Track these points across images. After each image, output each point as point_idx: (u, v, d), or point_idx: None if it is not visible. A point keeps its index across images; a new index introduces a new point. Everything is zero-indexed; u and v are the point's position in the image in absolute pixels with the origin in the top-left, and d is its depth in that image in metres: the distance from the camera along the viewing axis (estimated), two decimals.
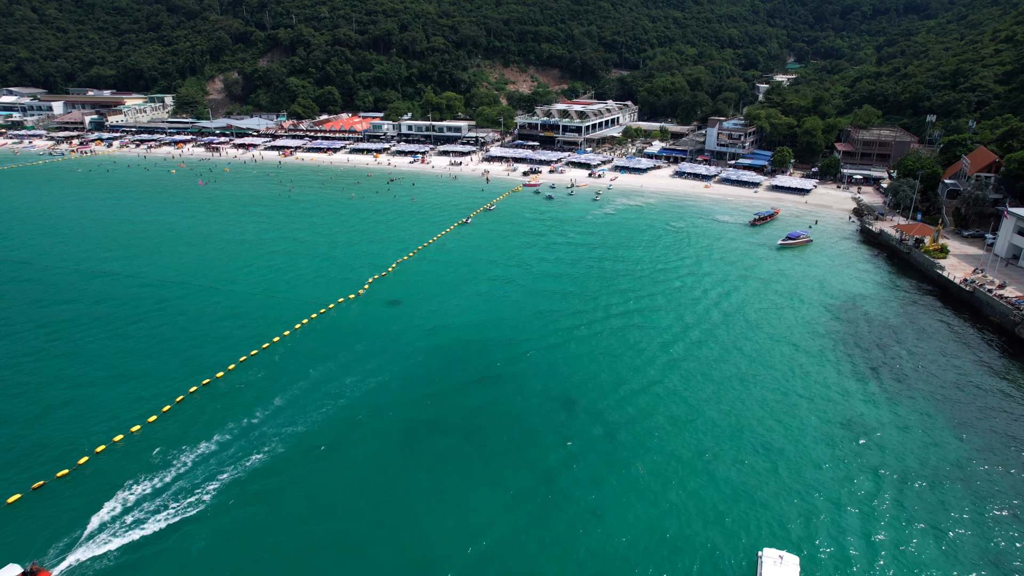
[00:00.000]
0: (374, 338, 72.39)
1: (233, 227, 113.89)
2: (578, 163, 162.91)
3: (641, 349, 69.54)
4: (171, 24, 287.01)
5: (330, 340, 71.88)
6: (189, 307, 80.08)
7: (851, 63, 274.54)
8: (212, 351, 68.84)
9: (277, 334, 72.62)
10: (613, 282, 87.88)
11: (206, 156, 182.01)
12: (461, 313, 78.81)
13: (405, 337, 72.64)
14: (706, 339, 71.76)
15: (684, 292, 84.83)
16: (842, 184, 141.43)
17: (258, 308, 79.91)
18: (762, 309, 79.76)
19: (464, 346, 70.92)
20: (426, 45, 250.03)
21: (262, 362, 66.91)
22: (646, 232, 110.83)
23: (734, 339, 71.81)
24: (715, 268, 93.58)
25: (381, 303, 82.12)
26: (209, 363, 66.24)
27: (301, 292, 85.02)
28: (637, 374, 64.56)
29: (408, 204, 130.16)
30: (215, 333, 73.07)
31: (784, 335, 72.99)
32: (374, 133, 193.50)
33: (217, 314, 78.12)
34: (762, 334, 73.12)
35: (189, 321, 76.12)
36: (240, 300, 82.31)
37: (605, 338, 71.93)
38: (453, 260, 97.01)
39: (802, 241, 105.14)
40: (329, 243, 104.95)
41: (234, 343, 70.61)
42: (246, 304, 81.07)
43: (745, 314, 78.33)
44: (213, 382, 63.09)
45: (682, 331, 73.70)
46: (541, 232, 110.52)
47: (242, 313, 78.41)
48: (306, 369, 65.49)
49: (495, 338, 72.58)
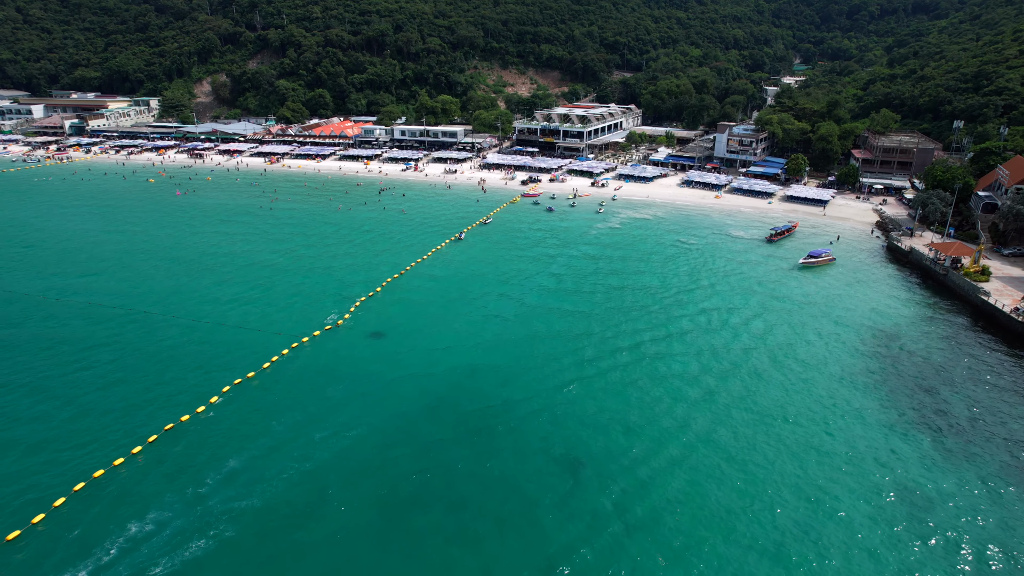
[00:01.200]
0: (351, 381, 63.59)
1: (206, 244, 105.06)
2: (580, 171, 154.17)
3: (656, 397, 60.71)
4: (159, 25, 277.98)
5: (300, 384, 63.07)
6: (143, 342, 71.16)
7: (860, 64, 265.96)
8: (163, 399, 59.95)
9: (240, 375, 63.80)
10: (623, 311, 79.06)
11: (189, 163, 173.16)
12: (451, 349, 70.04)
13: (387, 379, 63.85)
14: (730, 384, 62.97)
15: (702, 325, 75.97)
16: (862, 194, 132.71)
17: (222, 343, 71.04)
18: (789, 344, 70.98)
19: (454, 390, 62.19)
20: (421, 46, 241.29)
21: (219, 413, 58.04)
22: (656, 250, 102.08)
23: (761, 383, 63.02)
24: (733, 293, 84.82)
25: (362, 336, 73.34)
26: (158, 414, 57.34)
27: (273, 322, 76.20)
28: (651, 428, 55.78)
29: (398, 216, 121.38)
30: (169, 376, 64.17)
31: (816, 377, 64.24)
32: (365, 139, 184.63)
33: (174, 351, 69.22)
34: (792, 375, 64.36)
35: (141, 361, 67.12)
36: (203, 333, 73.42)
37: (615, 382, 63.12)
38: (444, 284, 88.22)
39: (825, 260, 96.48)
40: (309, 263, 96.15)
41: (189, 388, 61.74)
42: (209, 338, 72.20)
43: (771, 350, 69.56)
44: (161, 437, 54.29)
45: (701, 373, 64.88)
46: (541, 250, 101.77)
47: (203, 350, 69.53)
48: (269, 422, 56.67)
49: (489, 380, 63.86)
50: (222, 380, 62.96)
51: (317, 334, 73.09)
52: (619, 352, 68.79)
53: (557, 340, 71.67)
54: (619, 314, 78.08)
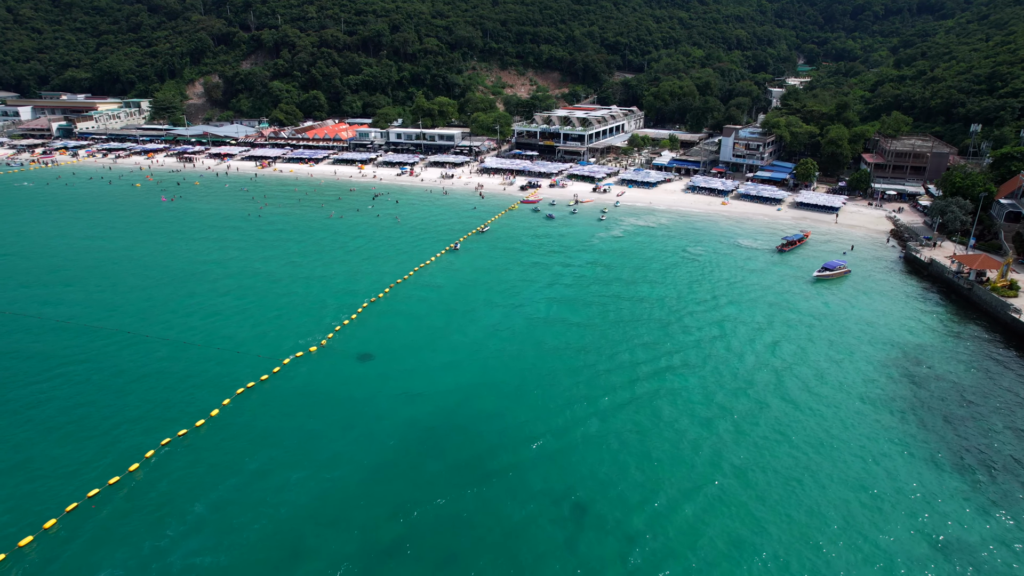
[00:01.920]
0: (334, 411, 58.48)
1: (188, 254, 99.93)
2: (581, 176, 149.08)
3: (672, 430, 55.55)
4: (151, 25, 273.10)
5: (278, 413, 57.95)
6: (110, 365, 65.97)
7: (866, 65, 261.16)
8: (127, 433, 54.75)
9: (214, 404, 58.67)
10: (631, 329, 73.91)
11: (178, 167, 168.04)
12: (445, 373, 64.93)
13: (373, 409, 58.75)
14: (753, 412, 57.83)
15: (716, 344, 70.80)
16: (874, 201, 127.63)
17: (196, 365, 65.90)
18: (809, 367, 65.89)
19: (447, 422, 57.07)
20: (418, 47, 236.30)
21: (188, 448, 52.91)
22: (662, 260, 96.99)
23: (786, 414, 57.88)
24: (746, 309, 79.70)
25: (348, 358, 68.19)
26: (120, 452, 52.16)
27: (253, 342, 71.07)
28: (669, 468, 50.59)
29: (391, 224, 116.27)
30: (136, 405, 58.97)
31: (839, 404, 59.17)
32: (360, 142, 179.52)
33: (144, 376, 64.05)
34: (814, 402, 59.26)
35: (105, 387, 61.89)
36: (177, 354, 68.26)
37: (625, 412, 57.92)
38: (438, 299, 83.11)
39: (840, 272, 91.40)
40: (295, 275, 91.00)
41: (157, 420, 56.56)
42: (183, 360, 67.05)
43: (792, 373, 64.42)
44: (123, 480, 49.13)
45: (720, 399, 59.71)
46: (541, 261, 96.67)
47: (176, 374, 64.35)
48: (242, 459, 51.53)
49: (485, 409, 58.80)
50: (193, 409, 57.85)
51: (300, 355, 67.98)
52: (627, 378, 63.65)
53: (559, 362, 66.60)
54: (625, 334, 72.94)
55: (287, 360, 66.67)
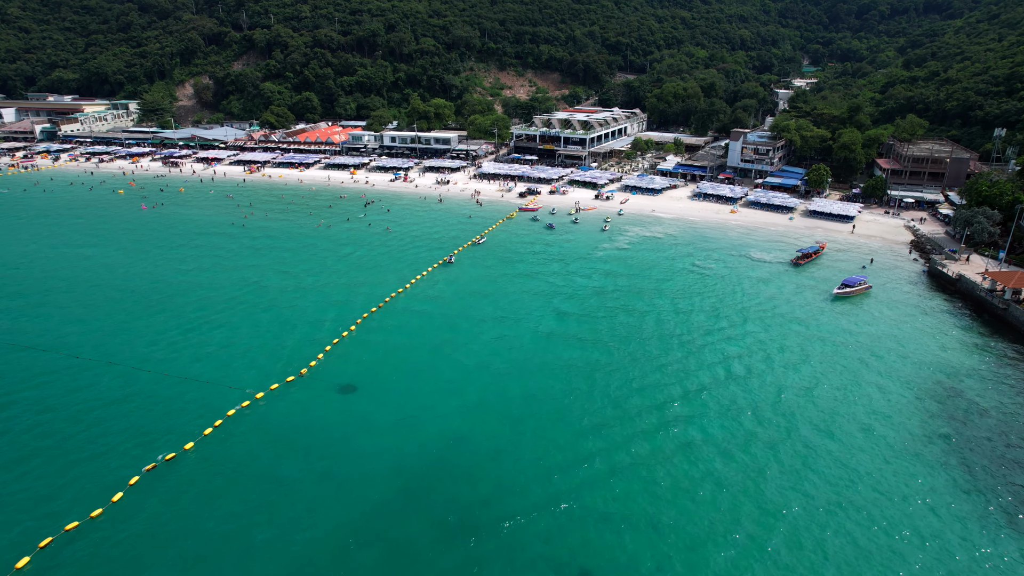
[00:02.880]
0: (310, 454, 52.18)
1: (163, 269, 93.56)
2: (582, 181, 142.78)
3: (688, 479, 49.16)
4: (142, 24, 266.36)
5: (247, 458, 51.64)
6: (65, 399, 59.57)
7: (873, 66, 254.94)
8: (72, 484, 48.37)
9: (175, 447, 52.38)
10: (638, 357, 67.57)
11: (163, 172, 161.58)
12: (434, 408, 58.64)
13: (353, 452, 52.48)
14: (779, 457, 51.47)
15: (734, 375, 64.41)
16: (891, 209, 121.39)
17: (161, 400, 59.56)
18: (837, 402, 59.61)
19: (435, 467, 50.81)
20: (415, 47, 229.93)
21: (141, 502, 46.54)
22: (671, 276, 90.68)
23: (814, 457, 51.53)
24: (764, 332, 73.38)
25: (330, 389, 61.91)
26: (63, 507, 45.80)
27: (226, 370, 64.76)
28: (687, 527, 44.29)
29: (383, 235, 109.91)
30: (87, 450, 52.57)
31: (873, 443, 52.91)
32: (353, 145, 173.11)
33: (102, 413, 57.66)
34: (846, 438, 52.95)
35: (57, 427, 55.41)
36: (141, 385, 61.91)
37: (636, 458, 51.57)
38: (430, 320, 76.78)
39: (861, 289, 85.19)
40: (277, 292, 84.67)
41: (109, 466, 50.23)
42: (147, 393, 60.70)
43: (817, 408, 58.15)
44: (58, 541, 42.81)
45: (742, 442, 53.30)
46: (541, 277, 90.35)
47: (137, 410, 58.01)
48: (201, 516, 45.20)
49: (479, 453, 52.54)
50: (151, 453, 51.51)
51: (275, 387, 61.66)
52: (637, 415, 57.34)
53: (561, 395, 60.31)
54: (634, 361, 66.61)
55: (260, 394, 60.34)
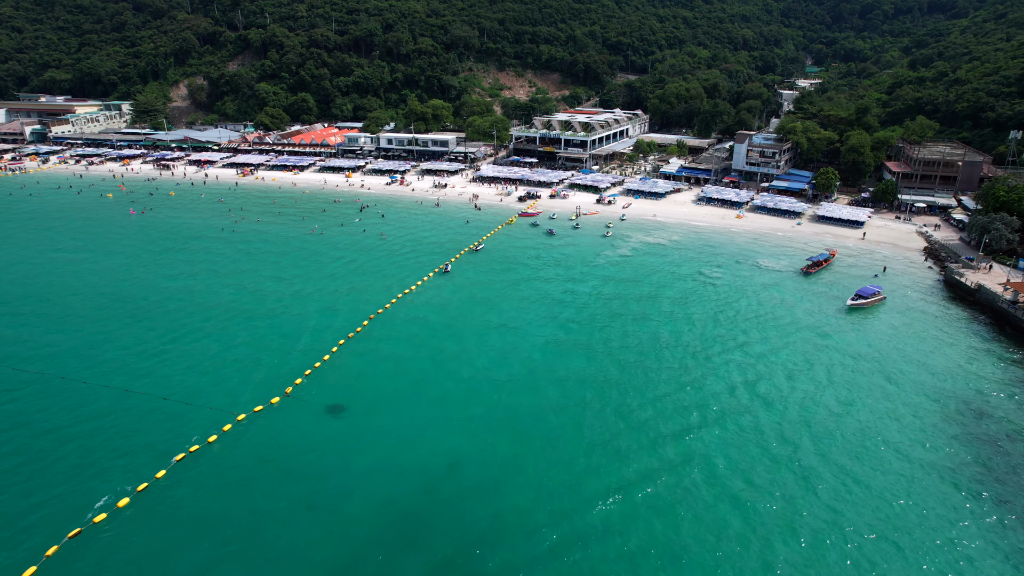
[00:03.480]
0: (293, 485, 48.50)
1: (148, 277, 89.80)
2: (583, 185, 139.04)
3: (710, 518, 45.43)
4: (136, 24, 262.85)
5: (223, 489, 47.92)
6: (31, 422, 55.75)
7: (877, 66, 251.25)
8: (29, 522, 44.61)
9: (146, 476, 48.69)
10: (646, 373, 63.85)
11: (154, 175, 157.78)
12: (429, 432, 54.98)
13: (341, 483, 48.77)
14: (812, 488, 47.76)
15: (752, 395, 60.71)
16: (902, 214, 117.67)
17: (136, 421, 55.86)
18: (862, 419, 55.95)
19: (428, 500, 47.19)
20: (412, 47, 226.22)
21: (104, 541, 42.80)
22: (676, 286, 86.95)
23: (847, 490, 47.82)
24: (777, 347, 69.65)
25: (317, 412, 58.18)
26: (12, 551, 42.07)
27: (207, 389, 61.08)
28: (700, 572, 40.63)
29: (377, 242, 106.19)
30: (51, 480, 48.77)
31: (907, 474, 49.19)
32: (349, 148, 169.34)
33: (69, 437, 53.92)
34: (878, 469, 49.22)
35: (17, 455, 51.65)
36: (116, 406, 58.19)
37: (649, 491, 47.84)
38: (424, 333, 73.05)
39: (875, 300, 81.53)
40: (265, 303, 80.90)
41: (71, 501, 46.45)
42: (122, 414, 56.99)
43: (842, 433, 54.42)
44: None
45: (768, 473, 49.58)
46: (540, 286, 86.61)
47: (110, 433, 54.30)
48: (167, 560, 41.45)
49: (476, 483, 48.92)
50: (120, 484, 47.81)
51: (259, 409, 57.95)
52: (647, 441, 53.64)
53: (563, 418, 56.62)
54: (641, 380, 62.89)
55: (243, 416, 56.62)
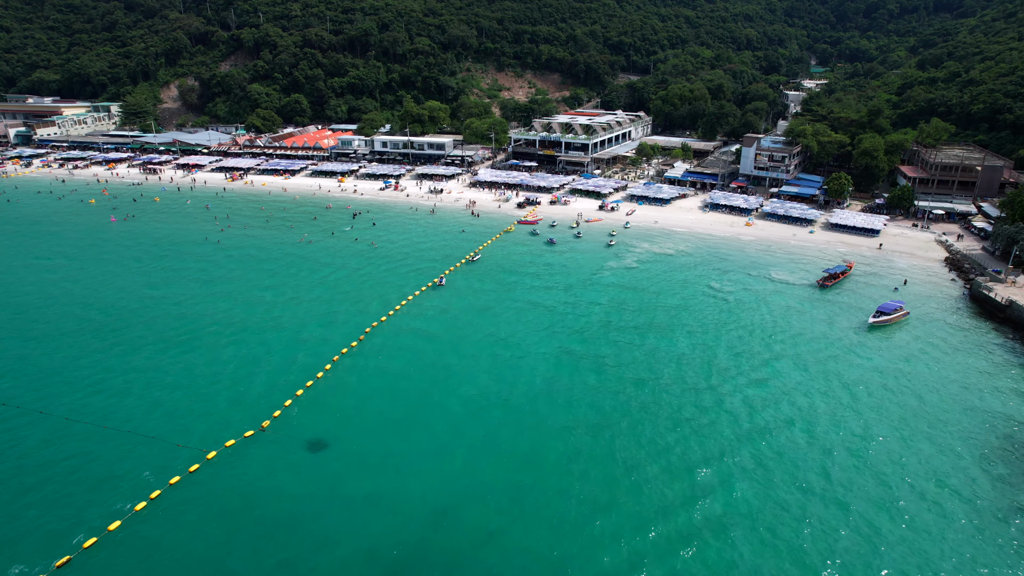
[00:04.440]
0: (266, 536, 43.15)
1: (121, 293, 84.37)
2: (585, 191, 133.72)
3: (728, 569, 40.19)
4: (127, 24, 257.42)
5: (187, 541, 42.56)
6: None
7: (884, 66, 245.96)
8: None
9: (99, 527, 43.33)
10: (657, 405, 58.45)
11: (140, 180, 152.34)
12: (418, 469, 49.77)
13: (321, 531, 43.49)
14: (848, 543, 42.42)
15: (764, 423, 55.40)
16: (919, 221, 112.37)
17: (96, 460, 50.50)
18: (892, 458, 50.63)
19: (419, 551, 41.91)
20: (409, 47, 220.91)
21: None
22: (684, 300, 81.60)
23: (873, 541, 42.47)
24: (797, 371, 64.33)
25: (296, 447, 52.87)
26: None
27: (176, 420, 55.77)
28: None
29: (368, 251, 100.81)
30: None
31: (946, 524, 43.83)
32: (342, 151, 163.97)
33: (20, 480, 48.48)
34: (913, 518, 43.86)
35: None
36: (75, 441, 52.79)
37: (664, 548, 42.53)
38: (415, 355, 67.72)
39: (899, 316, 76.28)
40: (245, 320, 75.51)
41: (13, 560, 41.09)
42: (80, 450, 51.59)
43: (872, 470, 49.09)
44: None
45: (796, 524, 44.22)
46: (541, 301, 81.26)
47: (66, 473, 48.90)
48: None
49: (473, 530, 43.65)
50: (69, 538, 42.43)
51: (231, 443, 52.60)
52: (659, 485, 48.29)
53: (566, 454, 51.29)
54: (650, 412, 57.49)
55: (213, 453, 51.28)
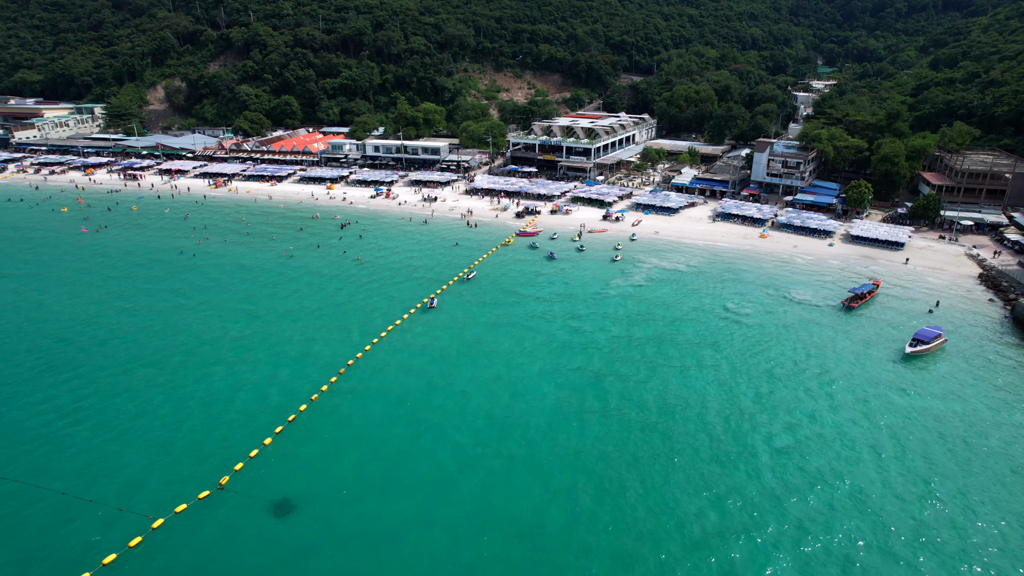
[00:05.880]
0: None
1: (79, 316, 76.81)
2: (587, 199, 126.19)
3: None
4: (114, 23, 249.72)
5: None
6: None
7: (894, 66, 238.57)
8: None
9: None
10: (671, 461, 50.95)
11: (120, 186, 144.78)
12: (401, 543, 42.26)
13: None
14: None
15: (802, 488, 47.91)
16: (947, 233, 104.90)
17: (18, 531, 42.97)
18: (955, 526, 43.11)
19: None
20: (404, 46, 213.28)
21: None
22: (700, 325, 74.08)
23: None
24: (829, 411, 56.84)
25: (259, 510, 45.48)
26: None
27: (119, 478, 48.33)
28: None
29: (354, 268, 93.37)
30: None
31: None
32: (333, 155, 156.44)
33: None
34: None
35: None
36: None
37: None
38: (400, 396, 60.20)
39: (937, 344, 68.90)
40: (210, 352, 68.00)
41: None
42: (3, 518, 44.20)
43: (934, 544, 41.59)
44: None
45: None
46: (542, 326, 73.77)
47: None
48: None
49: None
50: None
51: (182, 509, 45.14)
52: (677, 562, 40.82)
53: (572, 525, 43.81)
54: (666, 469, 50.03)
55: (160, 521, 43.85)
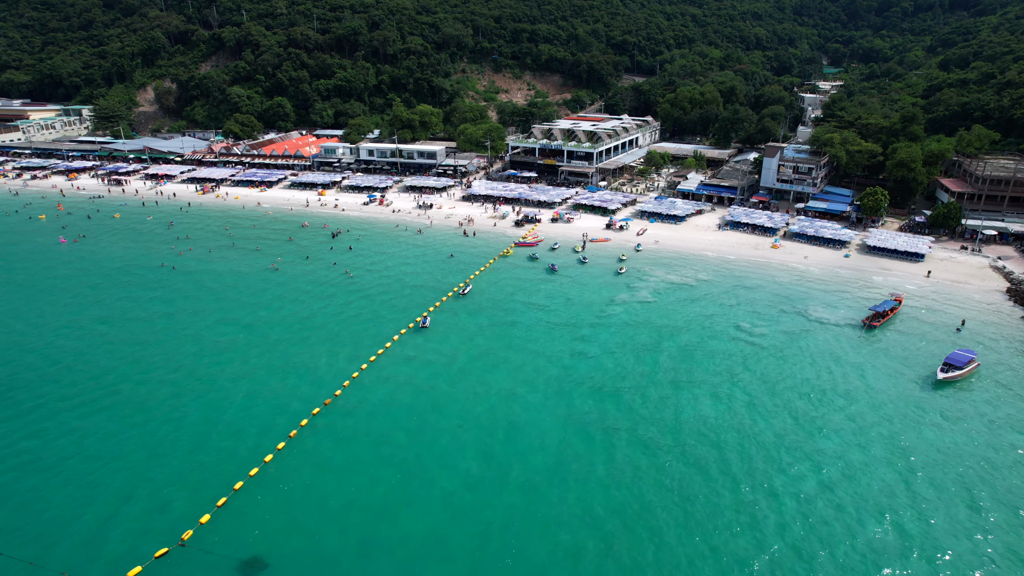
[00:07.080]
0: None
1: (46, 338, 71.47)
2: (590, 206, 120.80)
3: None
4: (104, 22, 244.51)
5: None
6: None
7: (902, 67, 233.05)
8: None
9: None
10: (685, 513, 45.63)
11: (103, 191, 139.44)
12: None
13: None
14: None
15: (828, 536, 42.58)
16: (970, 244, 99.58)
17: None
18: None
19: None
20: (400, 47, 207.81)
21: None
22: (711, 348, 68.72)
23: None
24: (855, 449, 51.49)
25: (225, 570, 40.06)
26: None
27: (68, 534, 42.93)
28: None
29: (343, 282, 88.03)
30: None
31: None
32: (325, 160, 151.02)
33: None
34: None
35: None
36: None
37: None
38: (385, 434, 54.82)
39: (971, 369, 63.62)
40: (182, 381, 62.64)
41: None
42: None
43: None
44: None
45: None
46: (541, 350, 68.42)
47: None
48: None
49: None
50: None
51: (137, 572, 39.81)
52: None
53: None
54: (679, 522, 44.69)
55: None
